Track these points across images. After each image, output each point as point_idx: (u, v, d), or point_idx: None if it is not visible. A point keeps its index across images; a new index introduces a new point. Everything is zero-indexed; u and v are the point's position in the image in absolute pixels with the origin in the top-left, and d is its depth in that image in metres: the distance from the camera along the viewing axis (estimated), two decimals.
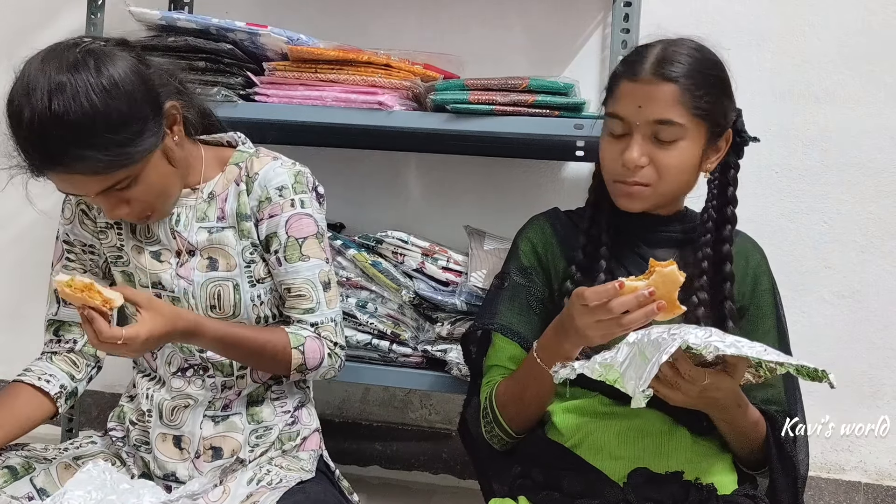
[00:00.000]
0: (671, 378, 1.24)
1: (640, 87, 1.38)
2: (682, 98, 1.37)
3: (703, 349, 1.16)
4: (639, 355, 1.19)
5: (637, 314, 1.22)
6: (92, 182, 1.37)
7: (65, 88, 1.31)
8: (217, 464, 1.54)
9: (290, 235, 1.52)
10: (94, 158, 1.33)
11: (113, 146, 1.33)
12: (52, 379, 1.57)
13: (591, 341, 1.28)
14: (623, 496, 1.30)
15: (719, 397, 1.28)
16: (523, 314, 1.49)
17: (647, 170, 1.39)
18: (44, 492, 1.46)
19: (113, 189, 1.39)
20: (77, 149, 1.32)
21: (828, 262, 2.17)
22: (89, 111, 1.31)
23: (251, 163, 1.54)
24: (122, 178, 1.38)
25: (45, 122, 1.31)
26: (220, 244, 1.52)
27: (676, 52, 1.40)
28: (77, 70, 1.32)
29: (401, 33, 2.32)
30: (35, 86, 1.32)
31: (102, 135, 1.32)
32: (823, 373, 1.18)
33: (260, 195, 1.52)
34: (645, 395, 1.15)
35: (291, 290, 1.54)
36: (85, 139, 1.32)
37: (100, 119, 1.31)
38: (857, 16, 2.14)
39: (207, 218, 1.53)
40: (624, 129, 1.41)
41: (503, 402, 1.46)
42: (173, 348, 1.55)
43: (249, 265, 1.53)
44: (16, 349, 2.63)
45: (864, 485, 2.16)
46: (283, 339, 1.50)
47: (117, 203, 1.42)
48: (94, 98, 1.31)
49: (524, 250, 1.53)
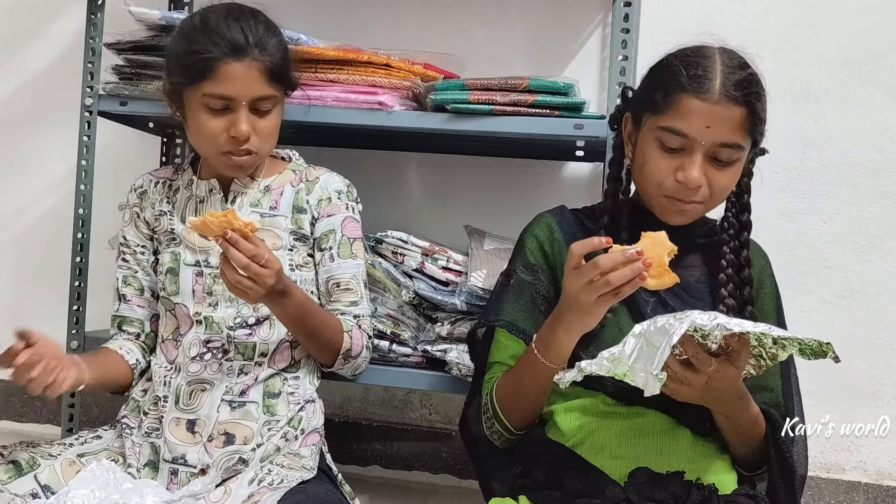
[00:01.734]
0: (679, 373, 1.25)
1: (710, 108, 1.35)
2: (748, 122, 1.37)
3: (711, 329, 1.18)
4: (647, 346, 1.19)
5: (625, 270, 1.23)
6: (258, 84, 1.57)
7: (250, 6, 1.64)
8: (228, 450, 1.56)
9: (344, 234, 1.71)
10: (275, 50, 1.59)
11: (284, 51, 1.63)
12: (130, 352, 1.72)
13: (584, 314, 1.28)
14: (624, 496, 1.30)
15: (723, 388, 1.28)
16: (528, 311, 1.48)
17: (703, 190, 1.39)
18: (48, 488, 1.48)
19: (259, 107, 1.59)
20: (267, 34, 1.59)
21: (828, 262, 2.17)
22: (270, 19, 1.64)
23: (308, 171, 1.75)
24: (274, 95, 1.60)
25: (243, 10, 1.61)
26: (271, 227, 1.68)
27: (741, 72, 1.38)
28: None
29: (401, 33, 2.32)
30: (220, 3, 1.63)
31: (280, 36, 1.63)
32: (828, 346, 1.19)
33: (321, 195, 1.71)
34: (659, 378, 1.16)
35: (340, 284, 1.71)
36: (272, 29, 1.61)
37: (277, 27, 1.64)
38: (857, 16, 2.14)
39: (261, 205, 1.69)
40: (681, 145, 1.38)
41: (502, 397, 1.46)
42: (195, 334, 1.63)
43: (291, 250, 1.69)
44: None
45: (864, 485, 2.16)
46: (339, 323, 1.67)
47: (252, 124, 1.59)
48: (273, 22, 1.65)
49: (530, 248, 1.53)
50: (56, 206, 2.56)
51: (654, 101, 1.41)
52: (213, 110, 1.58)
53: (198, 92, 1.57)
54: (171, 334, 1.68)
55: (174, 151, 2.41)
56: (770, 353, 1.29)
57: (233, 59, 1.55)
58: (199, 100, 1.58)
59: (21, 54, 2.59)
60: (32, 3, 2.57)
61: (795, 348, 1.23)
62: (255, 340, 1.64)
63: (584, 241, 1.28)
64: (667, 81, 1.40)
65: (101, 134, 2.10)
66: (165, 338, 1.69)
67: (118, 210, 1.82)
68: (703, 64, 1.38)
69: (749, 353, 1.28)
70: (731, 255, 1.48)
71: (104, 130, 2.15)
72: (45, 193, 2.59)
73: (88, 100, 2.05)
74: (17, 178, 2.60)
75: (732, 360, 1.26)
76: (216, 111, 1.58)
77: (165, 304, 1.68)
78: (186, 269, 1.65)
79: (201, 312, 1.64)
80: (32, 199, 2.59)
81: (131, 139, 2.43)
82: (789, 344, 1.24)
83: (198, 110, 1.59)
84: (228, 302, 1.64)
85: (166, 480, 1.56)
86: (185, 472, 1.56)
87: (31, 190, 2.60)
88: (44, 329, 1.64)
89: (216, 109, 1.57)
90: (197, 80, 1.57)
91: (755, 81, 1.39)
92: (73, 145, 2.10)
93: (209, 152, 1.63)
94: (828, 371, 2.14)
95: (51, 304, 2.51)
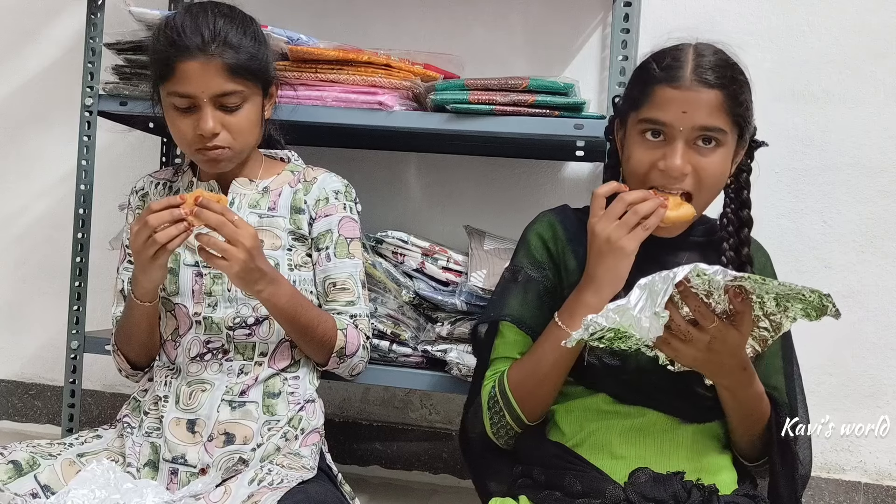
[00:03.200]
0: (683, 326, 1.26)
1: (683, 94, 1.37)
2: (724, 103, 1.37)
3: (713, 274, 1.20)
4: (651, 294, 1.21)
5: (649, 202, 1.35)
6: (220, 80, 1.57)
7: (220, 2, 1.64)
8: (228, 449, 1.56)
9: (341, 234, 1.72)
10: (239, 47, 1.58)
11: (252, 48, 1.61)
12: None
13: (618, 255, 1.35)
14: (624, 496, 1.30)
15: (725, 352, 1.28)
16: (536, 307, 1.48)
17: (689, 178, 1.39)
18: (48, 488, 1.48)
19: (225, 102, 1.59)
20: (230, 29, 1.58)
21: (828, 262, 2.17)
22: (240, 14, 1.64)
23: (306, 172, 1.76)
24: (239, 90, 1.59)
25: (206, 7, 1.61)
26: (269, 227, 1.69)
27: (714, 57, 1.39)
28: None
29: (401, 33, 2.33)
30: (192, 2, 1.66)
31: (249, 32, 1.62)
32: (828, 298, 1.19)
33: (318, 195, 1.72)
34: (661, 316, 1.20)
35: (337, 284, 1.72)
36: (238, 24, 1.61)
37: (248, 22, 1.64)
38: (857, 16, 2.14)
39: (259, 206, 1.70)
40: (662, 135, 1.39)
41: (516, 382, 1.44)
42: (195, 334, 1.63)
43: (290, 249, 1.69)
44: (16, 349, 2.64)
45: (864, 485, 2.16)
46: (332, 321, 1.68)
47: (219, 121, 1.59)
48: (243, 13, 1.65)
49: (535, 244, 1.53)
50: (56, 206, 2.56)
51: (633, 98, 1.44)
52: (179, 109, 1.60)
53: (164, 91, 1.61)
54: (171, 335, 1.68)
55: (174, 151, 2.41)
56: (774, 323, 1.28)
57: (188, 57, 1.56)
58: (167, 99, 1.61)
59: (21, 54, 2.60)
60: (32, 3, 2.57)
61: (799, 308, 1.23)
62: (254, 340, 1.64)
63: (606, 185, 1.39)
64: (642, 77, 1.43)
65: (101, 134, 2.09)
66: (165, 338, 1.69)
67: (118, 210, 1.82)
68: (674, 55, 1.41)
69: (753, 323, 1.28)
70: (732, 252, 1.47)
71: (104, 130, 2.15)
72: (45, 193, 2.59)
73: (88, 100, 2.05)
74: (17, 178, 2.60)
75: (736, 324, 1.26)
76: (183, 110, 1.60)
77: (165, 305, 1.68)
78: (186, 270, 1.65)
79: (200, 313, 1.64)
80: (32, 199, 2.59)
81: (131, 139, 2.43)
82: (792, 305, 1.23)
83: (168, 109, 1.62)
84: (228, 302, 1.64)
85: (166, 480, 1.56)
86: (185, 471, 1.56)
87: (31, 190, 2.60)
88: (44, 329, 1.65)
89: (182, 108, 1.60)
90: (162, 79, 1.60)
91: (729, 65, 1.40)
92: (73, 145, 2.10)
93: (185, 150, 1.66)
94: (828, 371, 2.16)
95: (51, 304, 2.52)
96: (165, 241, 1.46)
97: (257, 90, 1.65)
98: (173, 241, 1.47)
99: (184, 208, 1.47)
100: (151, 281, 1.56)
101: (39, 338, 2.59)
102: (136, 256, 1.52)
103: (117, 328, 1.71)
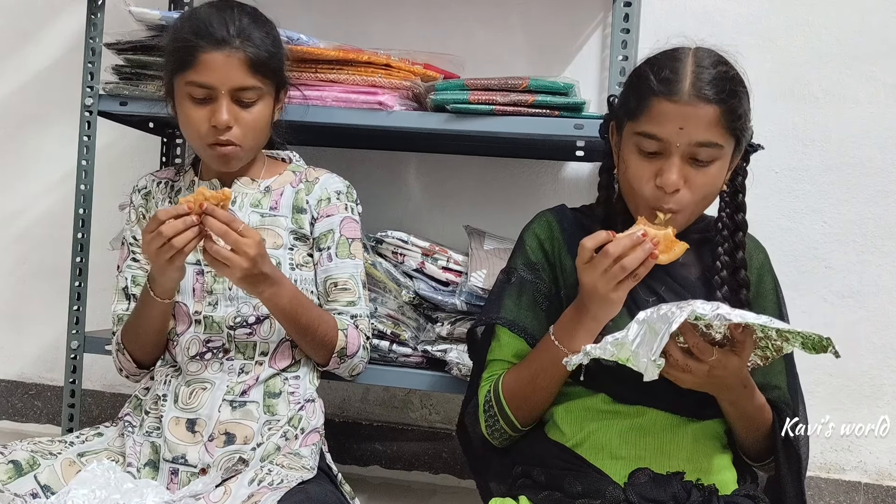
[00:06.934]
0: (681, 361, 1.26)
1: (680, 109, 1.34)
2: (722, 119, 1.35)
3: (711, 319, 1.20)
4: (649, 332, 1.21)
5: (636, 252, 1.28)
6: (241, 74, 1.59)
7: (244, 2, 1.66)
8: (228, 449, 1.57)
9: (342, 235, 1.73)
10: (260, 42, 1.61)
11: (273, 44, 1.64)
12: None
13: (607, 303, 1.31)
14: (624, 496, 1.30)
15: (726, 376, 1.29)
16: (530, 310, 1.48)
17: (683, 192, 1.37)
18: (48, 488, 1.48)
19: (241, 97, 1.61)
20: (253, 26, 1.61)
21: (828, 262, 2.17)
22: (262, 15, 1.67)
23: (308, 172, 1.78)
24: (257, 87, 1.61)
25: (231, 3, 1.63)
26: (271, 226, 1.70)
27: (713, 70, 1.37)
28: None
29: (401, 33, 2.32)
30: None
31: (271, 30, 1.65)
32: (828, 340, 1.20)
33: (320, 195, 1.73)
34: (657, 364, 1.18)
35: (338, 284, 1.72)
36: (260, 22, 1.64)
37: (269, 24, 1.66)
38: (856, 16, 2.14)
39: (261, 205, 1.71)
40: (658, 149, 1.37)
41: (511, 391, 1.45)
42: (194, 333, 1.63)
43: (292, 249, 1.70)
44: (16, 349, 2.64)
45: (864, 485, 2.16)
46: (333, 321, 1.68)
47: (233, 115, 1.60)
48: (265, 15, 1.67)
49: (531, 246, 1.53)
50: (56, 206, 2.56)
51: (630, 108, 1.41)
52: (195, 100, 1.61)
53: (182, 81, 1.62)
54: (169, 333, 1.68)
55: (174, 151, 2.41)
56: (776, 346, 1.30)
57: (213, 48, 1.58)
58: (184, 89, 1.62)
59: (21, 54, 2.59)
60: (32, 3, 2.57)
61: (798, 342, 1.24)
62: (255, 339, 1.64)
63: (593, 235, 1.31)
64: (639, 86, 1.40)
65: (101, 134, 2.09)
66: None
67: (118, 210, 1.82)
68: (673, 66, 1.37)
69: (755, 343, 1.28)
70: (726, 256, 1.46)
71: (104, 130, 2.15)
72: (45, 193, 2.59)
73: (88, 100, 2.05)
74: (17, 178, 2.60)
75: (736, 351, 1.27)
76: (199, 101, 1.61)
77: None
78: (187, 268, 1.65)
79: (201, 311, 1.64)
80: (32, 199, 2.59)
81: (131, 139, 2.43)
82: (792, 337, 1.25)
83: (183, 100, 1.63)
84: (229, 301, 1.64)
85: (166, 480, 1.56)
86: (186, 471, 1.56)
87: (31, 190, 2.60)
88: (44, 329, 1.65)
89: (199, 99, 1.61)
90: (181, 69, 1.61)
91: (729, 78, 1.37)
92: (73, 145, 2.10)
93: (196, 144, 1.66)
94: (828, 371, 2.16)
95: (51, 304, 2.52)
96: (182, 246, 1.47)
97: (271, 90, 1.66)
98: (189, 244, 1.48)
99: (192, 211, 1.48)
100: (171, 280, 1.58)
101: (39, 338, 2.59)
102: (151, 261, 1.53)
103: (124, 326, 1.71)
